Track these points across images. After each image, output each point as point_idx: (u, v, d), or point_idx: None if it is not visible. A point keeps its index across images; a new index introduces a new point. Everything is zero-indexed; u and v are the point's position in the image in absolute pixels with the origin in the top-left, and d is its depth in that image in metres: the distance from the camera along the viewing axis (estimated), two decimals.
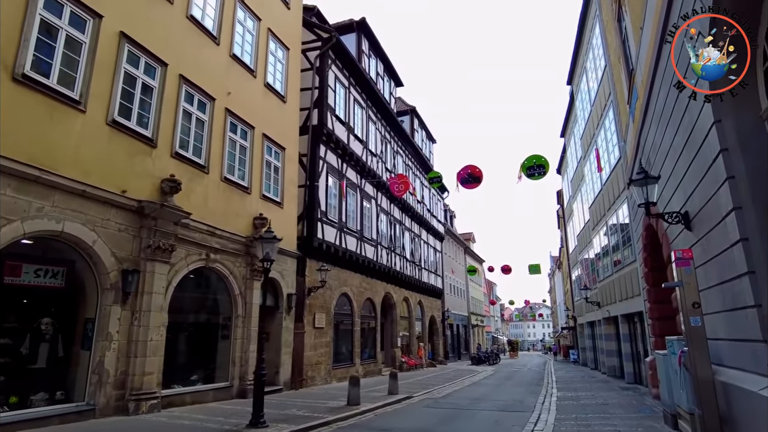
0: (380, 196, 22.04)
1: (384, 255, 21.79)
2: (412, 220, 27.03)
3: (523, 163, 13.51)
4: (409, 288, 25.87)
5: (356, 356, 18.37)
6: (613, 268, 16.63)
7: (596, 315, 21.91)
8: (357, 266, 18.84)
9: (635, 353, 15.64)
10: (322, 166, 16.57)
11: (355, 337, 18.44)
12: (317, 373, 15.38)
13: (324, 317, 16.03)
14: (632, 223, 13.57)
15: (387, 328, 23.32)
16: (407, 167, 26.69)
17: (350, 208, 18.58)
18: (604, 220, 17.44)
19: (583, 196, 22.87)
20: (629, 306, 14.92)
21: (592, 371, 24.21)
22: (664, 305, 10.99)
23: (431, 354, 30.26)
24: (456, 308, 38.67)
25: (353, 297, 18.49)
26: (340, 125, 17.84)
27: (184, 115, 10.62)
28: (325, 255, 16.22)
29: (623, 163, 14.04)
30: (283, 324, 13.58)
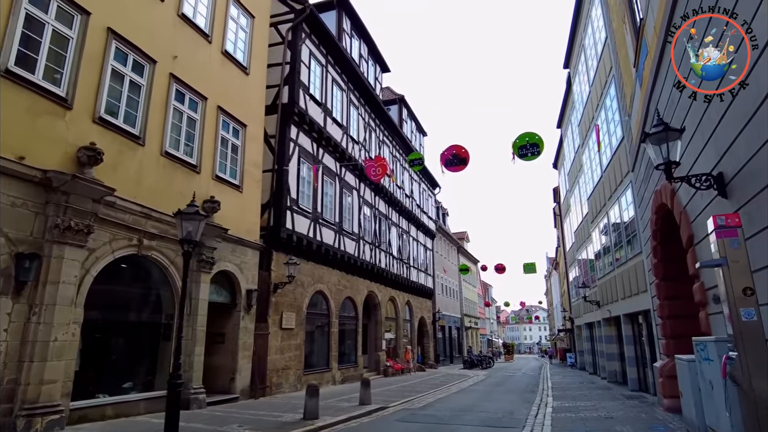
0: (363, 187, 20.43)
1: (367, 251, 20.16)
2: (399, 215, 25.42)
3: (515, 142, 11.92)
4: (396, 287, 24.23)
5: (333, 360, 16.71)
6: (614, 263, 15.03)
7: (595, 315, 20.32)
8: (335, 262, 17.20)
9: (640, 357, 14.03)
10: (293, 149, 14.94)
11: (332, 339, 16.78)
12: (284, 379, 13.72)
13: (294, 317, 14.38)
14: (637, 210, 11.99)
15: (371, 330, 21.67)
16: (395, 158, 25.09)
17: (327, 197, 16.95)
18: (604, 210, 15.86)
19: (581, 188, 21.30)
20: (633, 304, 13.33)
21: (590, 376, 22.60)
22: (677, 301, 9.40)
23: (421, 358, 28.61)
24: (448, 309, 37.04)
25: (330, 295, 16.84)
26: (315, 106, 16.22)
27: (113, 75, 8.99)
28: (295, 248, 14.58)
29: (626, 144, 12.48)
30: (240, 324, 11.93)
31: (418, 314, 28.26)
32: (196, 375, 10.16)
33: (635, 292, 12.88)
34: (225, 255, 11.50)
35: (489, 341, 66.32)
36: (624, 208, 13.44)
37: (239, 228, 12.04)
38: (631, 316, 14.41)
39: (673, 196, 7.53)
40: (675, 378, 9.02)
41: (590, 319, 22.21)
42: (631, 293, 13.31)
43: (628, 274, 13.43)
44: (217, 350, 11.86)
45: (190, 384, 9.95)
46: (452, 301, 39.19)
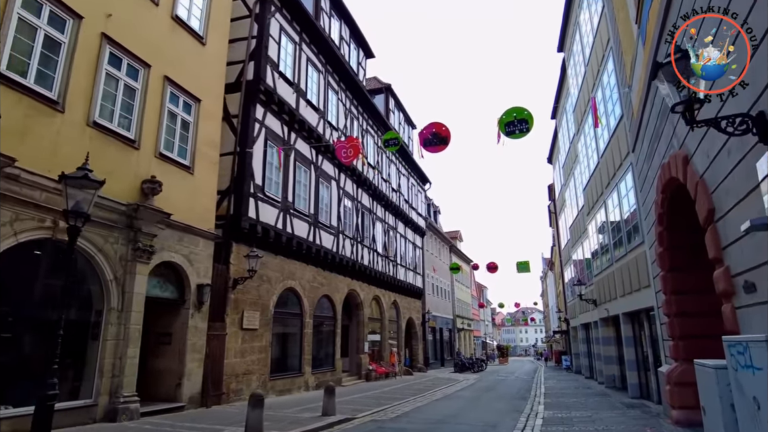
0: (344, 178, 19.04)
1: (347, 246, 18.76)
2: (385, 209, 24.02)
3: (501, 119, 10.53)
4: (381, 286, 22.82)
5: (306, 364, 15.27)
6: (613, 257, 13.67)
7: (592, 315, 18.96)
8: (309, 257, 15.79)
9: (641, 360, 12.67)
10: (259, 130, 13.55)
11: (305, 341, 15.34)
12: (246, 385, 12.28)
13: (258, 316, 12.95)
14: (639, 195, 10.64)
15: (352, 332, 20.26)
16: (380, 150, 23.71)
17: (301, 186, 15.55)
18: (601, 200, 14.51)
19: (576, 180, 19.97)
20: (634, 302, 11.97)
21: (587, 380, 21.22)
22: (687, 296, 8.04)
23: (409, 361, 27.19)
24: (439, 310, 35.64)
25: (303, 293, 15.41)
26: (285, 85, 14.84)
27: (21, 26, 7.55)
28: (260, 240, 13.17)
29: (626, 122, 11.15)
30: (189, 323, 10.50)
31: (406, 315, 26.84)
32: (128, 380, 8.72)
33: (636, 287, 11.52)
34: (170, 244, 10.08)
35: (483, 343, 64.94)
36: (623, 195, 12.09)
37: (189, 214, 10.63)
38: (631, 315, 13.06)
39: (686, 165, 6.17)
40: (687, 386, 7.67)
41: (586, 319, 20.85)
42: (632, 289, 11.95)
43: (629, 268, 12.07)
44: (163, 352, 10.45)
45: (120, 391, 8.53)
46: (444, 301, 37.79)
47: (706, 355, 6.54)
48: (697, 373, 5.16)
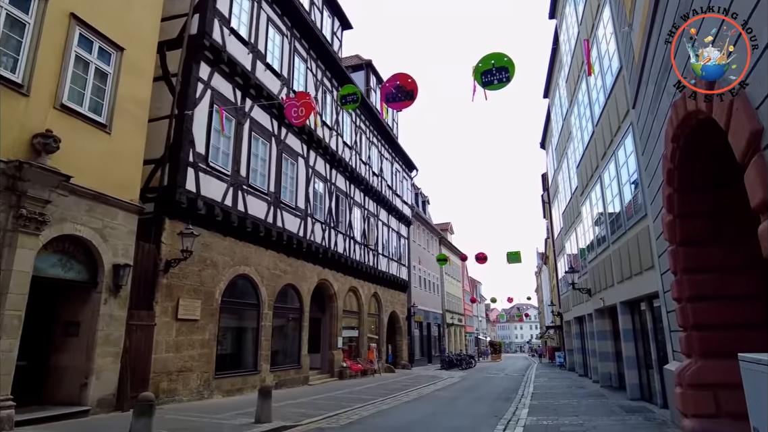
0: (314, 156, 17.27)
1: (317, 231, 17.00)
2: (365, 194, 22.27)
3: (477, 67, 8.80)
4: (360, 276, 21.08)
5: (263, 361, 13.51)
6: (609, 238, 11.96)
7: (586, 307, 17.27)
8: (268, 240, 14.02)
9: (642, 357, 10.97)
10: (204, 91, 11.76)
11: (263, 335, 13.58)
12: (182, 384, 10.54)
13: (199, 305, 11.19)
14: (641, 158, 8.93)
15: (324, 325, 18.52)
16: (360, 131, 21.94)
17: (259, 160, 13.77)
18: (597, 174, 12.79)
19: (569, 160, 18.27)
20: (634, 287, 10.26)
21: (580, 378, 19.57)
22: (704, 275, 6.36)
23: (391, 357, 25.49)
24: (427, 304, 33.95)
25: (260, 281, 13.65)
26: (239, 44, 13.05)
27: None
28: (204, 218, 11.42)
29: (626, 73, 9.43)
30: (102, 310, 8.72)
31: (389, 308, 25.13)
32: (3, 381, 6.94)
33: (637, 271, 9.80)
34: (75, 215, 8.29)
35: (476, 339, 63.39)
36: (622, 164, 10.37)
37: (103, 181, 8.84)
38: (630, 304, 11.36)
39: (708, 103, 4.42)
40: (704, 389, 6.00)
41: (580, 312, 19.17)
42: (632, 273, 10.24)
43: (628, 248, 10.36)
44: (69, 346, 8.69)
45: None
46: (432, 295, 36.09)
47: (730, 349, 4.86)
48: (745, 375, 3.43)
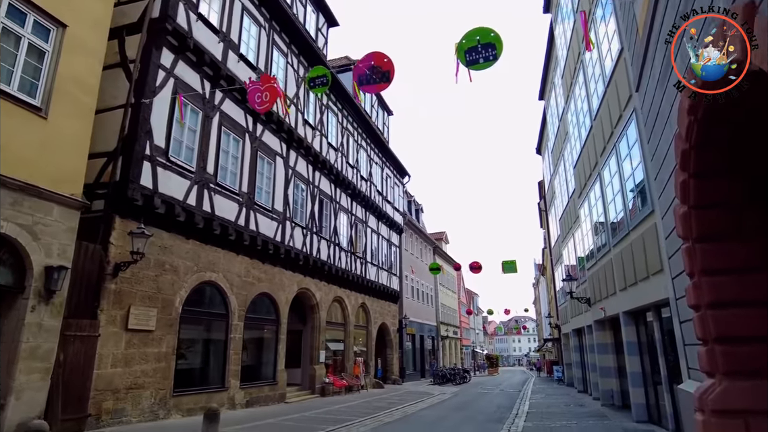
0: (295, 156, 16.23)
1: (298, 236, 15.90)
2: (352, 199, 21.20)
3: (460, 45, 7.79)
4: (345, 285, 19.93)
5: (232, 376, 12.31)
6: (610, 241, 10.87)
7: (585, 318, 16.13)
8: (239, 245, 12.91)
9: (650, 373, 9.81)
10: (165, 79, 10.73)
11: (231, 347, 12.40)
12: (132, 403, 9.35)
13: (154, 315, 10.03)
14: (646, 147, 7.89)
15: (306, 338, 17.33)
16: (347, 132, 20.94)
17: (229, 157, 12.72)
18: (596, 172, 11.75)
19: (566, 162, 17.27)
20: (639, 295, 9.15)
21: (579, 395, 18.35)
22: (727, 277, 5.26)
23: (381, 372, 24.22)
24: (421, 316, 32.72)
25: (230, 289, 12.51)
26: (208, 32, 12.07)
27: None
28: (163, 218, 10.34)
29: (627, 55, 8.44)
30: (28, 318, 7.55)
31: (378, 320, 23.92)
32: None
33: (643, 276, 8.71)
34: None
35: (473, 353, 61.96)
36: (624, 157, 9.33)
37: (36, 172, 7.75)
38: (635, 314, 10.24)
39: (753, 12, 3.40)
40: (732, 416, 4.87)
41: (578, 323, 18.02)
42: (636, 279, 9.14)
43: (632, 250, 9.27)
44: None
45: None
46: (426, 307, 34.86)
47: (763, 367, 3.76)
48: None
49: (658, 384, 8.98)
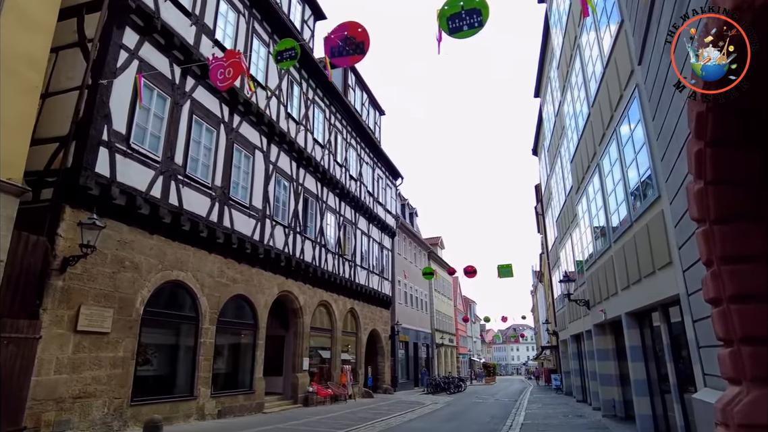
0: (277, 151, 15.39)
1: (279, 235, 15.01)
2: (340, 199, 20.32)
3: (442, 11, 6.96)
4: (332, 289, 19.00)
5: (202, 384, 11.36)
6: (611, 234, 10.00)
7: (584, 323, 15.21)
8: (211, 242, 12.02)
9: (656, 380, 8.89)
10: (128, 61, 9.88)
11: (201, 353, 11.46)
12: (80, 414, 8.39)
13: (111, 315, 9.10)
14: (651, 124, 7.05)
15: (288, 344, 16.36)
16: (335, 129, 20.12)
17: (201, 148, 11.86)
18: (594, 163, 10.92)
19: (563, 158, 16.45)
20: (644, 294, 8.26)
21: (578, 405, 17.38)
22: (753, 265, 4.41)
23: (371, 380, 23.21)
24: (414, 323, 31.74)
25: (200, 290, 11.59)
26: (178, 13, 11.25)
27: None
28: (124, 210, 9.46)
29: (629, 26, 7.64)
30: None
31: (369, 326, 22.96)
32: None
33: (648, 271, 7.83)
34: None
35: (470, 361, 60.83)
36: (625, 142, 8.49)
37: None
38: (639, 315, 9.34)
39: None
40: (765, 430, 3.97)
41: (577, 329, 17.09)
42: (641, 276, 8.26)
43: (635, 244, 8.40)
44: None
45: None
46: (420, 313, 33.88)
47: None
48: None
49: (666, 393, 8.07)
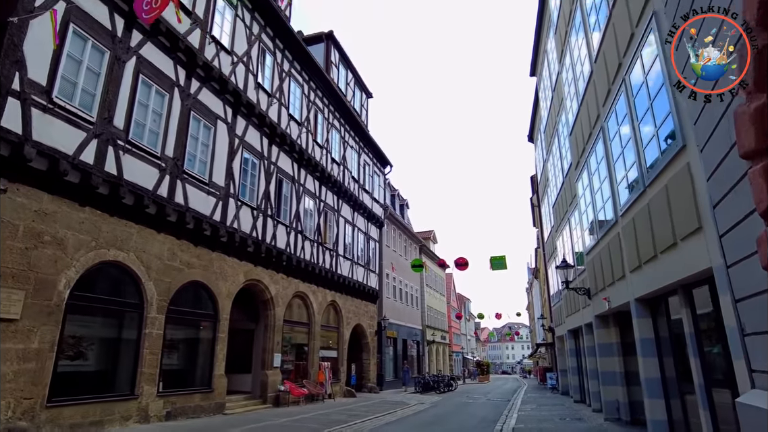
0: (243, 123, 13.94)
1: (246, 218, 13.54)
2: (320, 183, 18.83)
3: None
4: (310, 279, 17.53)
5: (146, 381, 9.88)
6: (619, 205, 8.55)
7: (582, 316, 13.79)
8: (160, 220, 10.54)
9: (674, 379, 7.44)
10: (52, 1, 8.36)
11: (146, 345, 9.98)
12: None
13: (21, 298, 7.60)
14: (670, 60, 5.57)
15: (258, 339, 14.88)
16: (315, 108, 18.63)
17: (147, 111, 10.36)
18: (598, 128, 9.48)
19: (560, 136, 15.03)
20: (661, 273, 6.81)
21: (576, 406, 15.98)
22: None
23: (355, 379, 21.74)
24: (403, 319, 30.31)
25: (146, 273, 10.10)
26: None
27: None
28: (44, 175, 7.96)
29: None
30: None
31: (353, 321, 21.50)
32: None
33: (667, 244, 6.37)
34: None
35: (464, 359, 59.50)
36: (637, 89, 7.04)
37: None
38: (652, 301, 7.89)
39: None
40: None
41: (575, 323, 15.67)
42: (656, 251, 6.81)
43: (649, 213, 6.95)
44: None
45: None
46: (410, 308, 32.45)
47: None
48: None
49: (687, 394, 6.66)
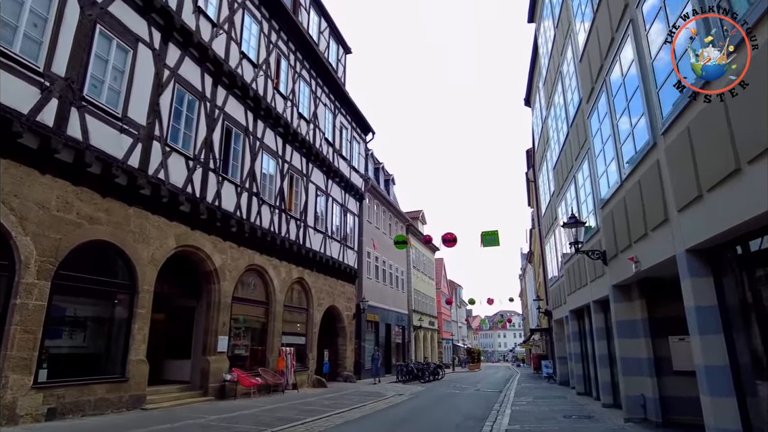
0: (178, 54, 11.29)
1: (177, 168, 10.96)
2: (284, 140, 16.18)
3: None
4: (269, 252, 14.99)
5: (18, 368, 7.34)
6: (659, 124, 6.04)
7: (591, 292, 11.38)
8: (43, 157, 7.94)
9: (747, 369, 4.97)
10: None
11: (17, 320, 7.42)
12: None
13: None
14: None
15: (199, 318, 12.36)
16: (278, 52, 15.95)
17: (23, 10, 7.69)
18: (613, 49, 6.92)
19: (564, 77, 12.49)
20: (747, 196, 4.30)
21: (580, 399, 13.66)
22: None
23: (327, 366, 19.32)
24: (387, 302, 27.92)
25: (17, 225, 7.53)
26: None
27: None
28: None
29: None
30: None
31: (325, 302, 19.02)
32: None
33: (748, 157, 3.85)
34: None
35: (455, 347, 57.46)
36: None
37: None
38: (715, 252, 5.38)
39: None
40: None
41: (580, 300, 13.23)
42: (739, 164, 4.30)
43: (707, 120, 4.43)
44: None
45: None
46: (395, 291, 30.04)
47: None
48: None
49: None
